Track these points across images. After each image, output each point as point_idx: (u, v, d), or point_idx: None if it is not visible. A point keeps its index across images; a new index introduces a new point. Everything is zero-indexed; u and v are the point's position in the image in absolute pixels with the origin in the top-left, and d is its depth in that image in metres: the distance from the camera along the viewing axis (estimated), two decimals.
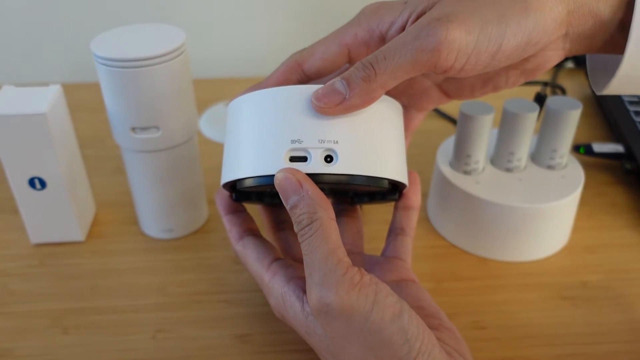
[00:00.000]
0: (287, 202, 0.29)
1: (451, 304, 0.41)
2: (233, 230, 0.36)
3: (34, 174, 0.43)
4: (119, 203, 0.51)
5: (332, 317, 0.28)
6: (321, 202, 0.28)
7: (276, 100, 0.31)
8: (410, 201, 0.37)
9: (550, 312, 0.41)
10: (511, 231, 0.44)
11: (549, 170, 0.46)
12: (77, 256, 0.46)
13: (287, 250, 0.39)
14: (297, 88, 0.30)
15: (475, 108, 0.44)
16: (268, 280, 0.33)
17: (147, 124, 0.41)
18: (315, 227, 0.28)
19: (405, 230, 0.37)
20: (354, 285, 0.27)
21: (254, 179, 0.30)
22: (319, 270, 0.27)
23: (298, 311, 0.30)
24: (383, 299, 0.28)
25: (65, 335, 0.39)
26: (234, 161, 0.32)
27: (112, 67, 0.38)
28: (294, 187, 0.28)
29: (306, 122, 0.30)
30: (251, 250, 0.34)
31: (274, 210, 0.40)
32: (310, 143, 0.29)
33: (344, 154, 0.29)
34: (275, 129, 0.30)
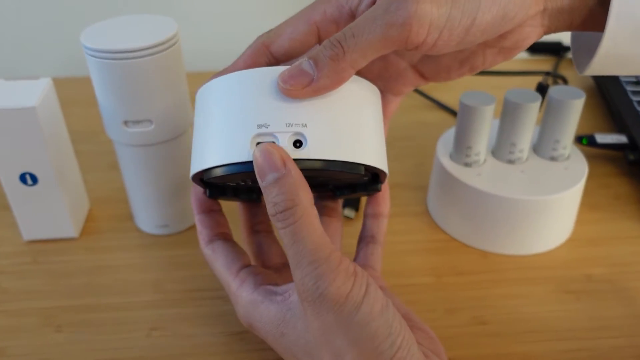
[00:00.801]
0: (264, 179, 0.26)
1: (451, 299, 0.40)
2: (203, 232, 0.34)
3: (25, 169, 0.42)
4: (113, 199, 0.51)
5: (325, 307, 0.26)
6: (303, 186, 0.27)
7: (241, 84, 0.29)
8: (380, 208, 0.37)
9: (553, 306, 0.40)
10: (513, 224, 0.43)
11: (551, 162, 0.45)
12: (71, 253, 0.45)
13: (258, 255, 0.37)
14: (262, 70, 0.29)
15: (476, 98, 0.43)
16: (235, 288, 0.31)
17: (139, 117, 0.40)
18: (298, 214, 0.26)
19: (376, 238, 0.36)
20: (349, 275, 0.27)
21: (221, 167, 0.29)
22: (310, 261, 0.26)
23: (273, 312, 0.29)
24: (373, 291, 0.27)
25: (58, 334, 0.38)
26: (200, 151, 0.30)
27: (102, 59, 0.37)
28: (276, 163, 0.26)
29: (273, 106, 0.28)
30: (219, 255, 0.33)
31: (251, 210, 0.38)
32: (277, 127, 0.28)
33: (313, 137, 0.28)
34: (241, 115, 0.29)
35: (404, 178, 0.53)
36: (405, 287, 0.41)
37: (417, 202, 0.50)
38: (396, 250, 0.45)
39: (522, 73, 0.61)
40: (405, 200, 0.50)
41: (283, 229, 0.27)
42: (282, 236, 0.27)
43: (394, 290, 0.41)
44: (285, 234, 0.27)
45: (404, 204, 0.50)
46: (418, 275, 0.43)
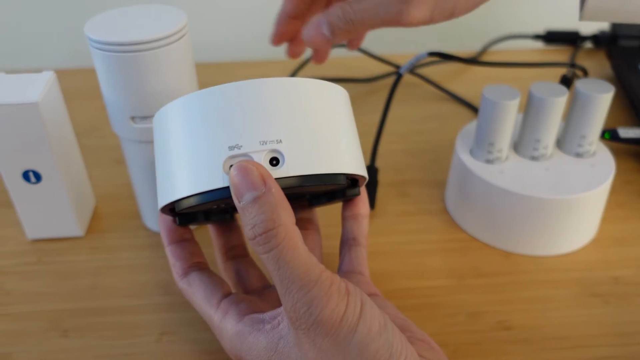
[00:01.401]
0: (241, 199, 0.24)
1: (474, 303, 0.39)
2: (177, 265, 0.32)
3: (28, 166, 0.40)
4: (120, 196, 0.49)
5: (320, 334, 0.24)
6: (284, 205, 0.25)
7: (204, 104, 0.27)
8: (358, 208, 0.35)
9: (580, 310, 0.38)
10: (537, 224, 0.41)
11: (577, 159, 0.43)
12: (77, 252, 0.43)
13: (238, 282, 0.35)
14: (224, 88, 0.27)
15: (500, 93, 0.41)
16: (219, 321, 0.29)
17: (147, 112, 0.38)
18: (280, 236, 0.24)
19: (358, 240, 0.34)
20: (342, 295, 0.25)
21: (193, 197, 0.27)
22: (300, 286, 0.24)
23: (263, 342, 0.27)
24: (369, 309, 0.25)
25: (65, 339, 0.37)
26: (167, 181, 0.28)
27: (108, 52, 0.35)
28: (254, 181, 0.24)
29: (242, 124, 0.26)
30: (197, 288, 0.31)
31: (224, 234, 0.36)
32: (250, 146, 0.26)
33: (290, 153, 0.26)
34: (209, 137, 0.26)
35: (419, 174, 0.51)
36: (424, 289, 0.40)
37: (434, 199, 0.48)
38: (414, 250, 0.43)
39: (539, 64, 0.59)
40: (422, 198, 0.48)
41: (265, 253, 0.24)
42: (265, 261, 0.25)
43: (414, 293, 0.39)
44: (269, 259, 0.24)
45: (421, 201, 0.48)
46: (438, 277, 0.41)
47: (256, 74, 0.69)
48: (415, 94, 0.65)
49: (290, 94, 0.27)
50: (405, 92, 0.65)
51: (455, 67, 0.71)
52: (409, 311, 0.38)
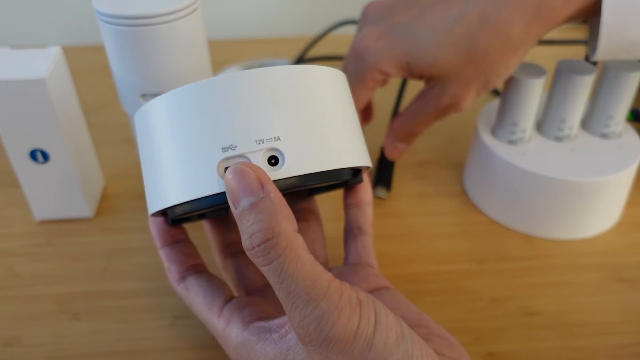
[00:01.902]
0: (238, 205, 0.22)
1: (496, 288, 0.38)
2: (172, 269, 0.30)
3: (36, 145, 0.39)
4: (129, 176, 0.48)
5: (333, 351, 0.22)
6: (284, 210, 0.23)
7: (191, 100, 0.24)
8: (361, 195, 0.32)
9: (606, 296, 0.37)
10: (561, 207, 0.40)
11: (602, 140, 0.42)
12: (86, 234, 0.42)
13: (239, 281, 0.33)
14: (212, 81, 0.24)
15: (525, 70, 0.39)
16: (222, 329, 0.27)
17: (158, 89, 0.36)
18: (281, 246, 0.22)
19: (363, 229, 0.32)
20: (353, 307, 0.22)
21: (186, 205, 0.25)
22: (307, 301, 0.22)
23: (271, 354, 0.25)
24: (384, 318, 0.23)
25: (76, 322, 0.36)
26: (157, 186, 0.26)
27: (118, 26, 0.33)
28: (251, 185, 0.22)
29: (235, 121, 0.24)
30: (196, 294, 0.29)
31: (220, 229, 0.33)
32: (246, 147, 0.24)
33: (290, 151, 0.24)
34: (199, 137, 0.24)
35: (436, 155, 0.50)
36: (445, 274, 0.39)
37: (452, 180, 0.47)
38: (433, 233, 0.42)
39: (563, 42, 0.57)
40: (440, 179, 0.47)
41: (265, 265, 0.22)
42: (266, 274, 0.22)
43: (434, 277, 0.38)
44: (270, 272, 0.22)
45: (438, 182, 0.47)
46: (459, 261, 0.40)
47: (267, 51, 0.68)
48: None
49: (286, 84, 0.25)
50: None
51: None
52: (429, 296, 0.37)
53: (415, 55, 0.36)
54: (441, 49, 0.36)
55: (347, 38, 0.68)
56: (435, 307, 0.36)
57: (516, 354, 0.33)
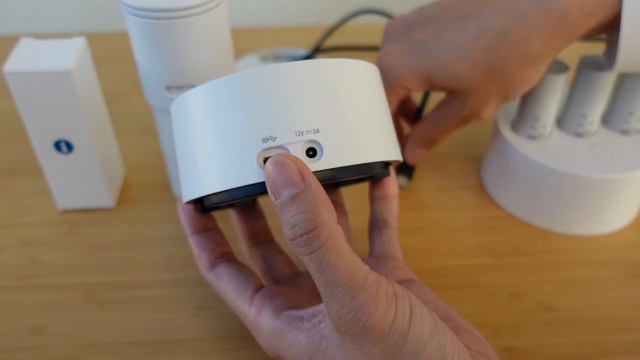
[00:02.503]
0: (278, 196, 0.23)
1: (514, 282, 0.38)
2: (202, 256, 0.31)
3: (60, 136, 0.39)
4: (148, 165, 0.48)
5: (369, 341, 0.23)
6: (325, 202, 0.23)
7: (232, 91, 0.25)
8: (386, 189, 0.33)
9: (623, 292, 0.37)
10: (580, 203, 0.40)
11: (622, 136, 0.42)
12: (108, 224, 0.43)
13: (267, 270, 0.33)
14: (253, 73, 0.25)
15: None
16: (253, 317, 0.28)
17: (183, 82, 0.36)
18: (323, 236, 0.22)
19: (388, 222, 0.33)
20: (390, 300, 0.23)
21: (224, 193, 0.25)
22: (346, 291, 0.23)
23: (303, 342, 0.26)
24: (419, 311, 0.24)
25: (101, 312, 0.36)
26: (193, 175, 0.26)
27: (145, 19, 0.33)
28: (292, 177, 0.23)
29: (276, 113, 0.24)
30: (227, 282, 0.29)
31: (247, 218, 0.34)
32: (286, 138, 0.24)
33: (329, 143, 0.24)
34: (239, 128, 0.24)
35: (453, 148, 0.50)
36: (463, 268, 0.39)
37: (469, 174, 0.47)
38: (450, 226, 0.42)
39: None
40: (457, 173, 0.47)
41: (307, 255, 0.23)
42: (306, 263, 0.23)
43: (453, 271, 0.39)
44: (310, 261, 0.23)
45: (456, 176, 0.47)
46: (476, 255, 0.40)
47: (282, 40, 0.67)
48: None
49: (324, 78, 0.25)
50: None
51: None
52: (448, 290, 0.37)
53: (435, 71, 0.37)
54: (460, 64, 0.36)
55: (363, 27, 0.68)
56: (454, 301, 0.36)
57: (534, 349, 0.34)
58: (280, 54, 0.62)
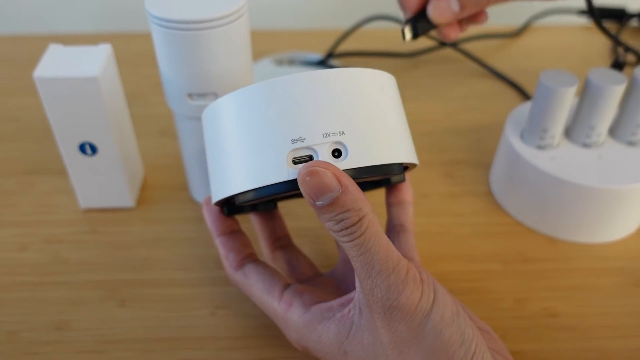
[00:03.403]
0: (320, 199, 0.25)
1: (520, 288, 0.39)
2: (230, 256, 0.32)
3: (85, 139, 0.41)
4: (167, 166, 0.50)
5: (396, 319, 0.26)
6: (362, 195, 0.26)
7: (265, 97, 0.27)
8: (402, 195, 0.35)
9: (626, 300, 0.39)
10: (586, 212, 0.41)
11: (630, 147, 0.43)
12: (129, 223, 0.44)
13: (290, 272, 0.35)
14: (281, 80, 0.27)
15: (557, 79, 0.40)
16: (283, 312, 0.30)
17: (205, 90, 0.38)
18: (364, 225, 0.25)
19: (405, 226, 0.35)
20: (417, 284, 0.26)
21: (256, 191, 0.27)
22: (381, 271, 0.25)
23: (334, 330, 0.28)
24: (442, 297, 0.26)
25: (122, 309, 0.38)
26: (225, 175, 0.28)
27: (170, 29, 0.35)
28: (330, 183, 0.25)
29: (304, 117, 0.26)
30: (255, 280, 0.31)
31: (269, 222, 0.36)
32: (314, 139, 0.26)
33: (353, 145, 0.26)
34: (270, 130, 0.27)
35: (463, 154, 0.51)
36: (471, 273, 0.40)
37: (479, 180, 0.48)
38: (460, 232, 0.44)
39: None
40: (467, 179, 0.49)
41: (349, 242, 0.25)
42: (347, 248, 0.26)
43: (460, 277, 0.40)
44: (351, 247, 0.25)
45: (465, 182, 0.48)
46: (484, 260, 0.41)
47: (296, 44, 0.69)
48: (457, 70, 0.64)
49: (349, 85, 0.27)
50: (446, 68, 0.64)
51: (496, 42, 0.70)
52: (455, 295, 0.38)
53: None
54: None
55: (375, 32, 0.69)
56: None
57: (539, 354, 0.35)
58: (294, 58, 0.64)
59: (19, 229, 0.43)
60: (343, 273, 0.35)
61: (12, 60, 0.65)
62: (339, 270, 0.36)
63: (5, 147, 0.52)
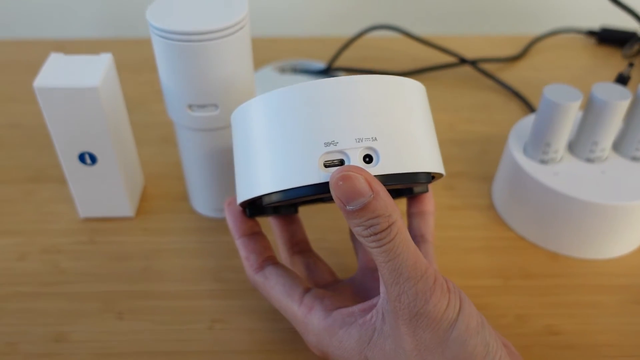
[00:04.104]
0: (351, 204, 0.25)
1: (522, 305, 0.39)
2: (251, 258, 0.33)
3: (85, 149, 0.40)
4: (167, 175, 0.49)
5: (421, 326, 0.26)
6: (392, 203, 0.26)
7: (297, 100, 0.27)
8: (424, 206, 0.35)
9: (629, 318, 0.38)
10: (589, 228, 0.40)
11: (633, 162, 0.42)
12: (128, 233, 0.44)
13: (309, 276, 0.35)
14: (316, 84, 0.27)
15: (561, 94, 0.40)
16: (303, 316, 0.30)
17: (205, 101, 0.38)
18: (394, 231, 0.25)
19: (426, 237, 0.35)
20: (444, 292, 0.26)
21: (285, 192, 0.27)
22: (409, 278, 0.25)
23: (355, 336, 0.28)
24: (468, 307, 0.27)
25: (120, 321, 0.38)
26: (254, 175, 0.28)
27: (171, 41, 0.35)
28: (362, 189, 0.25)
29: (338, 120, 0.27)
30: (276, 283, 0.31)
31: (289, 227, 0.37)
32: (346, 144, 0.26)
33: (385, 151, 0.27)
34: (304, 132, 0.27)
35: (467, 166, 0.51)
36: (472, 288, 0.40)
37: (481, 193, 0.48)
38: (461, 247, 0.43)
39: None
40: (469, 192, 0.48)
41: (378, 247, 0.25)
42: (375, 254, 0.26)
43: None
44: (380, 252, 0.26)
45: (468, 195, 0.48)
46: (485, 276, 0.41)
47: (298, 51, 0.69)
48: (460, 80, 0.64)
49: (381, 91, 0.28)
50: (450, 78, 0.64)
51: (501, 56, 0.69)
52: None
53: None
54: None
55: (377, 40, 0.69)
56: None
57: None
58: (297, 66, 0.63)
59: (18, 238, 0.43)
60: (362, 281, 0.35)
61: (15, 65, 0.65)
62: (358, 278, 0.36)
63: (6, 154, 0.52)
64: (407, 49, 0.68)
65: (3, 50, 0.68)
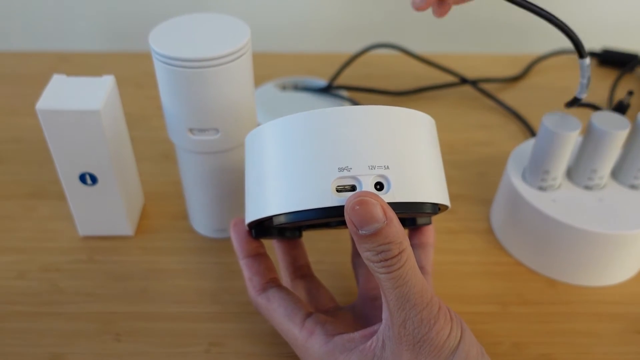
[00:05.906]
0: (366, 229, 0.26)
1: (519, 332, 0.39)
2: (254, 279, 0.33)
3: (85, 169, 0.40)
4: (167, 194, 0.49)
5: (423, 353, 0.27)
6: (403, 231, 0.26)
7: (313, 125, 0.28)
8: (425, 238, 0.36)
9: (627, 347, 0.38)
10: (587, 256, 0.41)
11: (631, 190, 0.43)
12: (127, 253, 0.44)
13: (310, 301, 0.36)
14: (332, 110, 0.28)
15: (560, 122, 0.40)
16: (304, 340, 0.30)
17: (206, 125, 0.38)
18: (404, 259, 0.26)
19: (426, 269, 0.36)
20: (447, 321, 0.27)
21: (297, 214, 0.28)
22: (415, 305, 0.26)
23: None
24: (468, 336, 0.28)
25: (118, 343, 0.38)
26: (266, 195, 0.29)
27: (172, 66, 0.35)
28: (377, 215, 0.25)
29: (353, 147, 0.27)
30: (278, 305, 0.32)
31: (291, 251, 0.37)
32: (359, 170, 0.27)
33: (396, 180, 0.27)
34: (318, 157, 0.28)
35: (465, 189, 0.51)
36: (469, 315, 0.40)
37: (480, 217, 0.48)
38: (459, 271, 0.43)
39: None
40: (468, 215, 0.48)
41: (387, 273, 0.26)
42: (383, 279, 0.26)
43: None
44: (388, 279, 0.26)
45: (466, 219, 0.48)
46: (483, 302, 0.41)
47: (298, 68, 0.69)
48: (462, 99, 0.64)
49: (394, 121, 0.29)
50: (451, 97, 0.64)
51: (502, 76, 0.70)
52: None
53: None
54: None
55: (378, 57, 0.69)
56: None
57: None
58: (298, 83, 0.64)
59: (17, 256, 0.43)
60: (362, 309, 0.36)
61: (17, 77, 0.65)
62: (358, 306, 0.36)
63: (7, 169, 0.52)
64: (409, 68, 0.69)
65: (5, 62, 0.68)
